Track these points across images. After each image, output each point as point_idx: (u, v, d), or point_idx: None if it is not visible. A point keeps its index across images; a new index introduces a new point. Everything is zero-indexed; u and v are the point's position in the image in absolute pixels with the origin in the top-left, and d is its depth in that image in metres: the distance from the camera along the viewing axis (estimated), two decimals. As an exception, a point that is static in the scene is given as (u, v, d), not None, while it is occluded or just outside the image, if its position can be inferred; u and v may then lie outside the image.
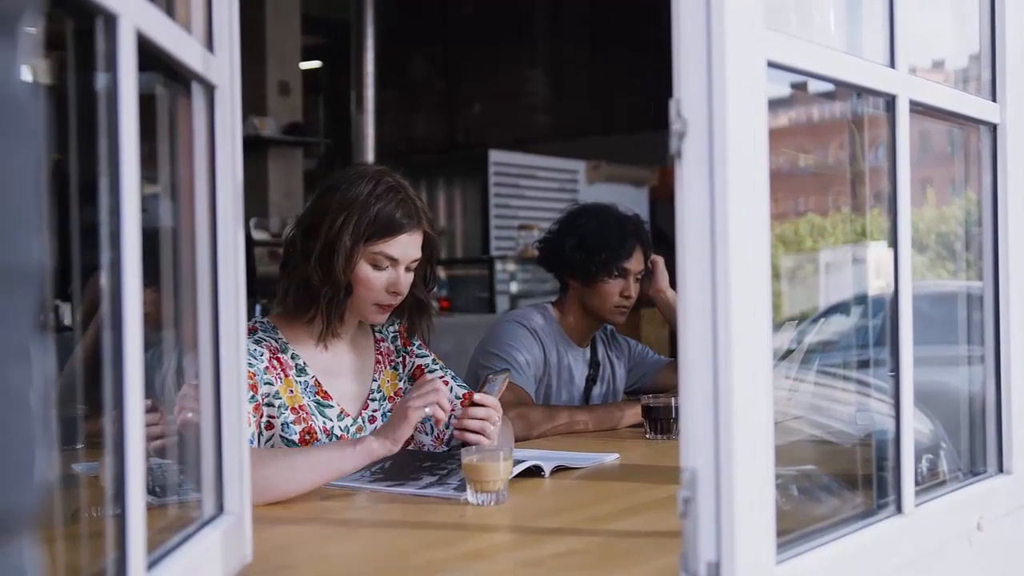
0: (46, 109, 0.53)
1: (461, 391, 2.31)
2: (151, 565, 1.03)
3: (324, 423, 2.12)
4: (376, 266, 2.11)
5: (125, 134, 0.96)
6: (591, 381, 3.03)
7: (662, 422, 2.56)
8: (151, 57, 1.06)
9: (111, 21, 0.94)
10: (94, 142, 0.96)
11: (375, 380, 2.26)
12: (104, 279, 0.97)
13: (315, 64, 9.44)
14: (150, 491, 1.08)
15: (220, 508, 1.31)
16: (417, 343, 2.35)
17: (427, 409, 1.91)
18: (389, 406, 2.25)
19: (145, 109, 1.00)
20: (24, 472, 0.50)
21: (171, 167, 1.28)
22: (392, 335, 2.33)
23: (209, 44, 1.29)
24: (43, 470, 0.52)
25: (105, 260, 0.96)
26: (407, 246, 2.13)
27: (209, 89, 1.28)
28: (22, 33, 0.51)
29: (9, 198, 0.48)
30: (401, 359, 2.32)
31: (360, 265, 2.10)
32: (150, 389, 1.01)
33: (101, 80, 0.96)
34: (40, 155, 0.51)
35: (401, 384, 2.30)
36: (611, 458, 2.27)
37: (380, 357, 2.29)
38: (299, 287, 2.12)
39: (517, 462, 1.96)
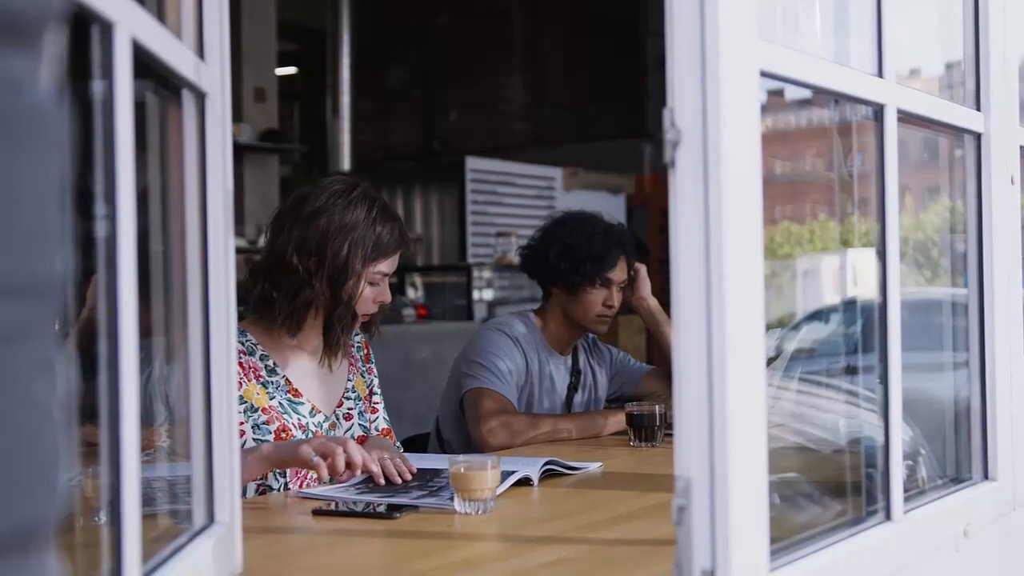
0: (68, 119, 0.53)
1: (384, 424, 2.42)
2: (145, 577, 1.02)
3: (298, 419, 2.19)
4: (372, 283, 2.23)
5: (121, 141, 0.95)
6: (572, 389, 3.03)
7: (646, 430, 2.57)
8: (142, 64, 1.05)
9: (107, 29, 0.93)
10: (88, 148, 0.95)
11: (350, 380, 2.35)
12: (98, 286, 0.96)
13: (291, 70, 9.41)
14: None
15: (211, 518, 1.30)
16: (370, 364, 2.44)
17: (315, 459, 1.88)
18: (363, 406, 2.36)
19: (135, 116, 1.00)
20: (49, 485, 0.50)
21: (161, 174, 1.27)
22: (357, 345, 2.42)
23: (200, 52, 1.28)
24: (65, 482, 0.51)
25: (100, 268, 0.95)
26: (396, 261, 2.27)
27: (200, 97, 1.28)
28: (45, 44, 0.50)
29: (34, 209, 0.47)
30: (368, 368, 2.43)
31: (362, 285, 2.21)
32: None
33: (96, 87, 0.95)
34: (64, 166, 0.51)
35: (368, 390, 2.41)
36: (594, 467, 2.27)
37: (353, 360, 2.38)
38: (303, 306, 2.18)
39: (505, 472, 1.95)
